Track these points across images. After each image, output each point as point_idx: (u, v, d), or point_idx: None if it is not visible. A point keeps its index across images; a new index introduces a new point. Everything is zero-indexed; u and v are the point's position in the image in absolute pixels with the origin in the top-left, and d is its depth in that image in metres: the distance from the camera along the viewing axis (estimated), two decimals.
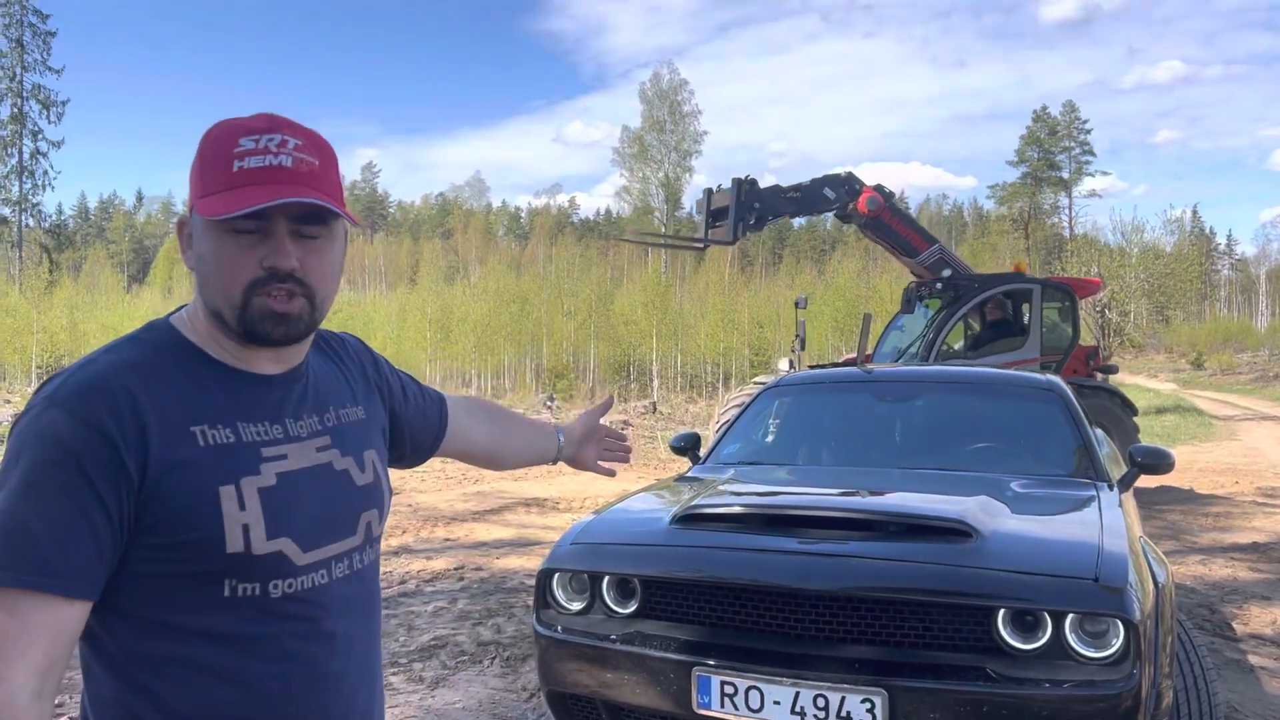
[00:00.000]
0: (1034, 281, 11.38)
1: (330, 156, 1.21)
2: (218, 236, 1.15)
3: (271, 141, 1.15)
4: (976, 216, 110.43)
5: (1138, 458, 4.08)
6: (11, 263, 57.33)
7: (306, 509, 1.20)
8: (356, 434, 1.33)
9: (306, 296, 1.19)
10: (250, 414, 1.20)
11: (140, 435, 1.10)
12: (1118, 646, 2.62)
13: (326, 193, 1.17)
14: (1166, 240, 36.61)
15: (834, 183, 11.54)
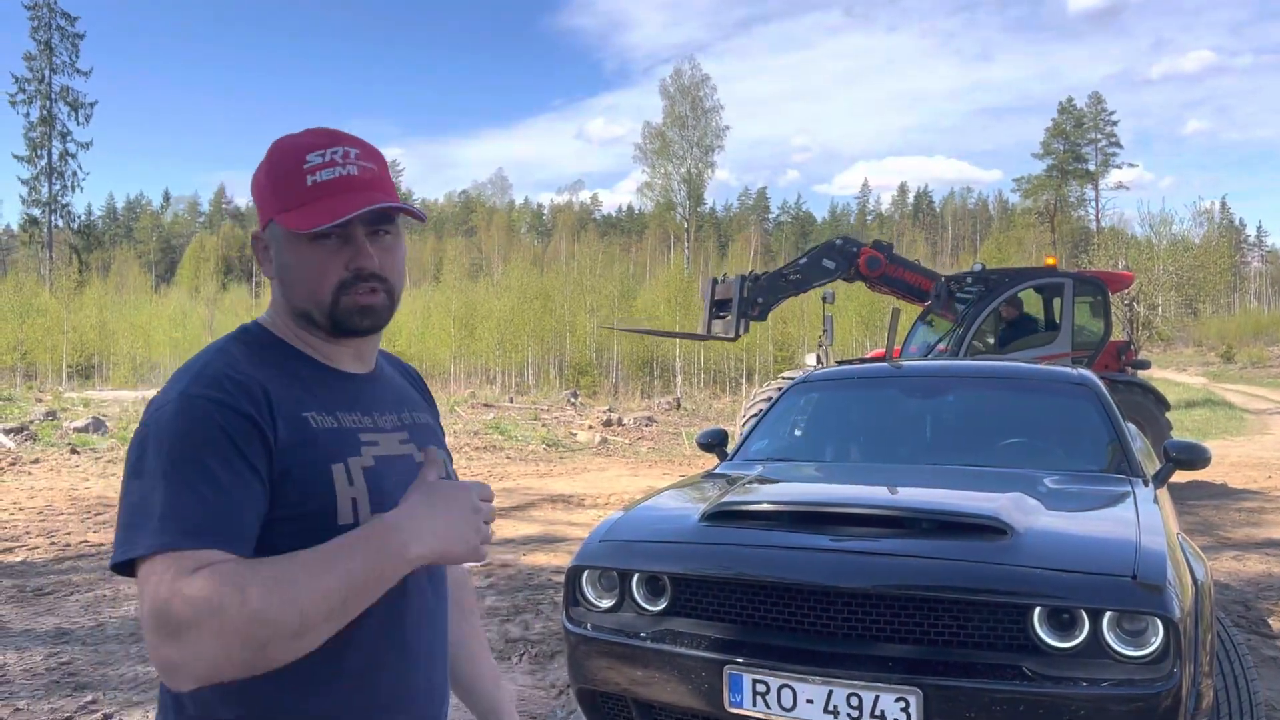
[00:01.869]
0: (1065, 276, 11.29)
1: (383, 161, 1.32)
2: (302, 246, 1.26)
3: (336, 154, 1.26)
4: (1002, 210, 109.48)
5: (1173, 453, 4.03)
6: (42, 263, 58.00)
7: (397, 489, 1.26)
8: (429, 435, 1.43)
9: (386, 291, 1.30)
10: (345, 405, 1.31)
11: (270, 417, 1.20)
12: (1157, 645, 2.58)
13: (389, 194, 1.28)
14: (1195, 232, 36.26)
15: (831, 252, 11.60)
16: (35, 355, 44.01)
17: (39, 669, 4.74)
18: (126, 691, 4.43)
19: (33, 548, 7.65)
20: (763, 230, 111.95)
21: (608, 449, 16.14)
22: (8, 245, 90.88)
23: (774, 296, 11.49)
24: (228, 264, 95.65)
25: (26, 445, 14.27)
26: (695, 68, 63.78)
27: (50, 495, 10.37)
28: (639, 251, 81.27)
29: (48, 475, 11.95)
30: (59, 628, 5.46)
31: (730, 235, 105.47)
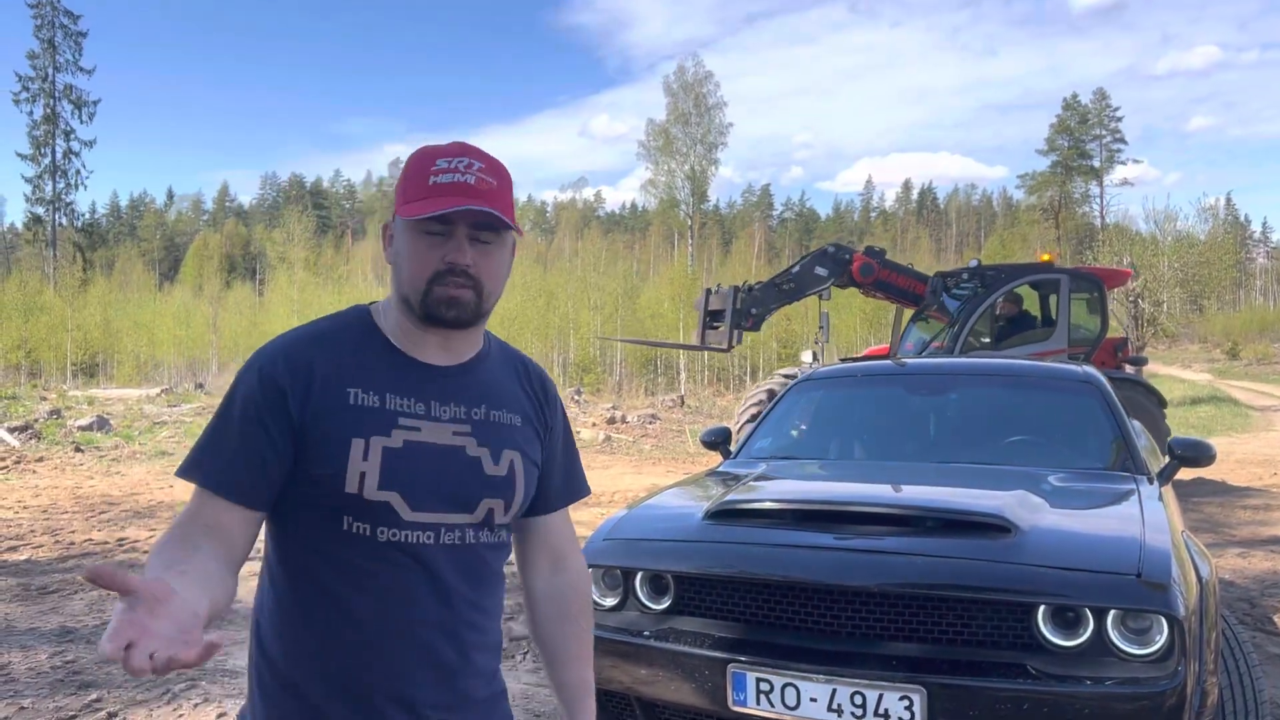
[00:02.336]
0: (1062, 272, 11.24)
1: (507, 180, 1.46)
2: (413, 236, 1.41)
3: (460, 163, 1.41)
4: (1006, 206, 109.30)
5: (1177, 450, 4.02)
6: (46, 261, 58.06)
7: (423, 475, 1.40)
8: (502, 433, 1.49)
9: (475, 290, 1.42)
10: (400, 389, 1.43)
11: (304, 391, 1.38)
12: (1161, 643, 2.57)
13: (500, 208, 1.41)
14: (1200, 229, 36.16)
15: (824, 259, 11.54)
16: (39, 353, 44.07)
17: (43, 667, 4.74)
18: (131, 690, 4.43)
19: (37, 546, 7.67)
20: (766, 227, 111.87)
21: (611, 446, 16.15)
22: (12, 244, 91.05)
23: (767, 306, 11.48)
24: (231, 262, 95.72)
25: (31, 444, 14.29)
26: (698, 64, 63.70)
27: (54, 494, 10.39)
28: (642, 249, 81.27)
29: (52, 474, 11.98)
30: (63, 626, 5.47)
31: (734, 232, 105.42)
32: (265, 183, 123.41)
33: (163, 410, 20.84)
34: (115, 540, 7.91)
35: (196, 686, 4.47)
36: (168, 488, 10.96)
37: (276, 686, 1.43)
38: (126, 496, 10.29)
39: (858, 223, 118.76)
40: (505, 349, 1.61)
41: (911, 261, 16.97)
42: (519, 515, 1.56)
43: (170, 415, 19.69)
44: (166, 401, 23.62)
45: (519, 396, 1.55)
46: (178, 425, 17.86)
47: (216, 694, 4.38)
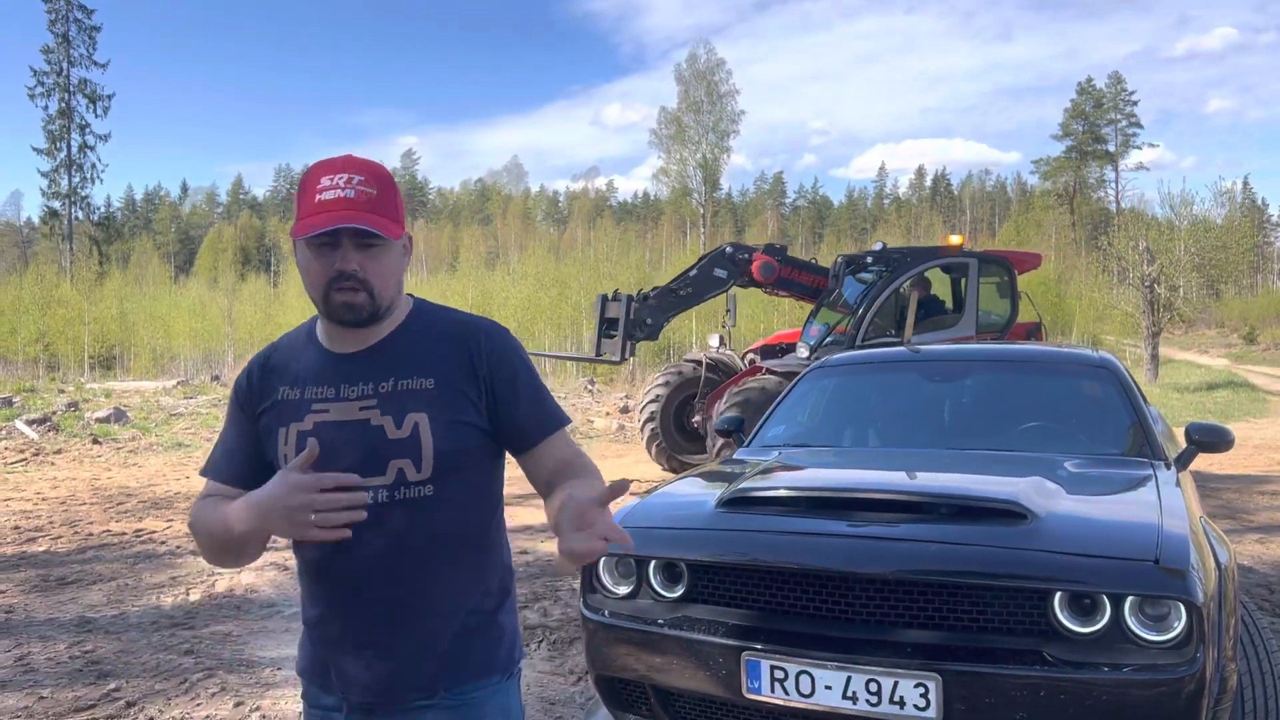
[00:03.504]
0: (970, 255, 10.98)
1: (389, 187, 1.61)
2: (306, 250, 1.59)
3: (341, 179, 1.57)
4: (1021, 192, 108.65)
5: (1195, 435, 3.98)
6: (62, 255, 58.39)
7: (330, 448, 1.58)
8: (409, 399, 1.62)
9: (367, 291, 1.59)
10: (318, 380, 1.66)
11: (256, 389, 1.71)
12: (1180, 630, 2.54)
13: (383, 214, 1.57)
14: (1217, 213, 35.83)
15: (722, 261, 11.24)
16: (57, 346, 44.30)
17: (62, 657, 4.78)
18: (149, 679, 4.46)
19: (56, 538, 7.72)
20: (779, 215, 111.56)
21: (625, 436, 16.15)
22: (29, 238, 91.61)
23: (664, 314, 11.12)
24: (246, 254, 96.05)
25: (49, 436, 14.40)
26: (710, 52, 63.34)
27: (73, 485, 10.46)
28: (655, 238, 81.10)
29: (70, 465, 12.06)
30: (82, 617, 5.51)
31: (746, 220, 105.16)
32: (279, 175, 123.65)
33: (179, 402, 20.96)
34: (133, 531, 7.96)
35: (214, 676, 4.50)
36: (184, 478, 11.02)
37: (303, 614, 1.74)
38: (144, 487, 10.35)
39: (871, 210, 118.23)
40: (438, 318, 1.73)
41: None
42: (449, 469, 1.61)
43: (186, 407, 19.79)
44: (183, 394, 23.75)
45: (438, 361, 1.66)
46: (194, 417, 17.95)
47: (234, 683, 4.40)
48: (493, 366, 1.68)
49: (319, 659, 1.68)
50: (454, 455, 1.63)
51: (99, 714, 4.05)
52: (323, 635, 1.66)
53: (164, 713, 4.07)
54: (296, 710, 4.09)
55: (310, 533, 1.49)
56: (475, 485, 1.68)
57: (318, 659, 1.68)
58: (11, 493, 9.92)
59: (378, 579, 1.60)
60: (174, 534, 7.87)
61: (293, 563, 6.80)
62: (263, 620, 5.45)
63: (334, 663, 1.65)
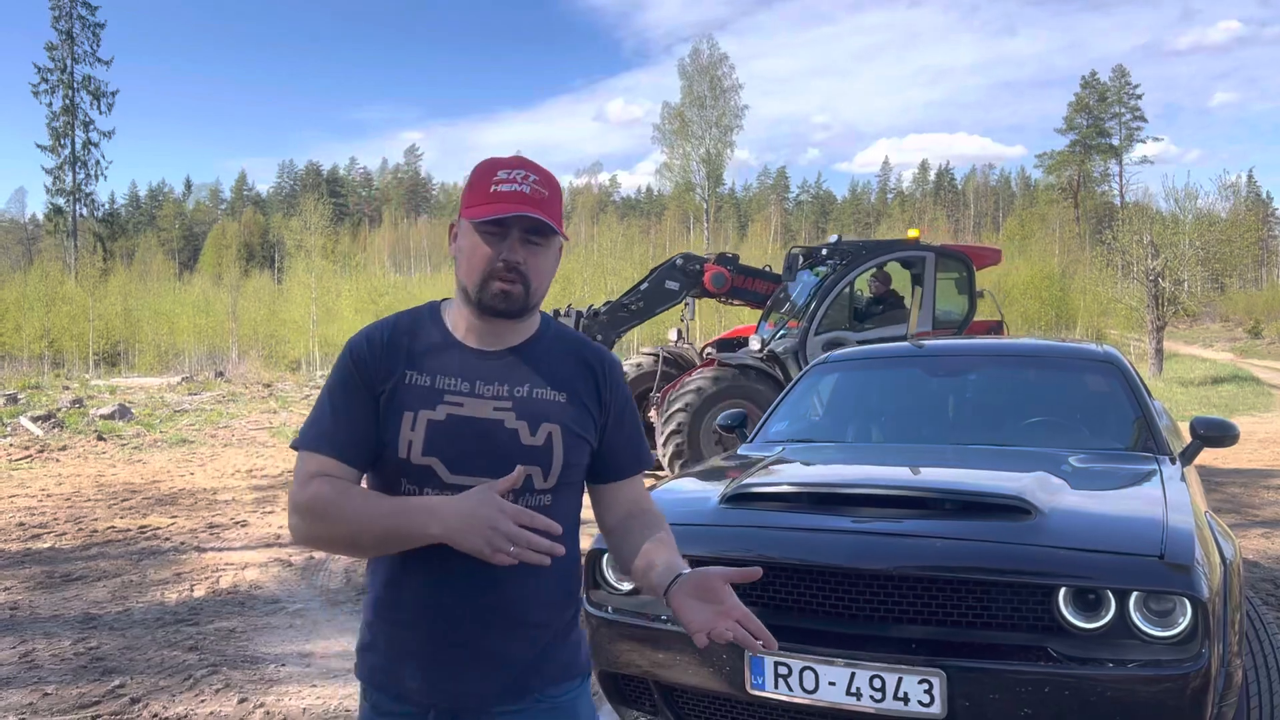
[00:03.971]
0: (927, 249, 10.75)
1: (557, 191, 1.67)
2: (474, 235, 1.63)
3: (518, 174, 1.62)
4: (1025, 186, 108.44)
5: (1200, 430, 3.97)
6: (67, 252, 58.48)
7: (462, 443, 1.60)
8: (542, 408, 1.66)
9: (524, 285, 1.63)
10: (449, 371, 1.66)
11: (381, 368, 1.64)
12: (1185, 625, 2.54)
13: (549, 215, 1.61)
14: (1221, 206, 35.71)
15: (673, 272, 11.08)
16: (62, 343, 44.42)
17: (67, 654, 4.79)
18: (154, 676, 4.47)
19: (60, 534, 7.74)
20: (783, 210, 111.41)
21: None
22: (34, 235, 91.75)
23: (615, 329, 10.96)
24: (250, 250, 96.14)
25: (54, 432, 14.42)
26: (713, 47, 63.25)
27: (78, 482, 10.48)
28: (658, 233, 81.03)
29: (75, 462, 12.08)
30: (87, 613, 5.52)
31: (750, 215, 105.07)
32: (282, 171, 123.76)
33: (183, 398, 21.00)
34: (138, 528, 7.97)
35: (218, 672, 4.50)
36: (188, 475, 11.04)
37: (375, 620, 1.68)
38: (148, 484, 10.37)
39: (875, 204, 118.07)
40: (565, 335, 1.78)
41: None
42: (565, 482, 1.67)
43: (191, 403, 19.82)
44: (187, 390, 23.78)
45: (569, 377, 1.71)
46: (198, 413, 17.98)
47: (238, 679, 4.41)
48: (614, 395, 1.76)
49: (394, 666, 1.65)
50: (574, 469, 1.69)
51: (103, 710, 4.06)
52: (412, 643, 1.63)
53: (168, 709, 4.07)
54: (300, 706, 4.09)
55: (500, 559, 1.47)
56: (575, 499, 1.73)
57: (393, 666, 1.65)
58: (16, 489, 9.94)
59: (479, 584, 1.60)
60: (179, 530, 7.88)
61: (296, 559, 6.82)
62: (267, 617, 5.46)
63: (419, 670, 1.63)
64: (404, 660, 1.64)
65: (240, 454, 13.01)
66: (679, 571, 1.63)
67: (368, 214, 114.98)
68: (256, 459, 12.41)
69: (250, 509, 8.87)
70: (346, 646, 4.92)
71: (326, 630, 5.20)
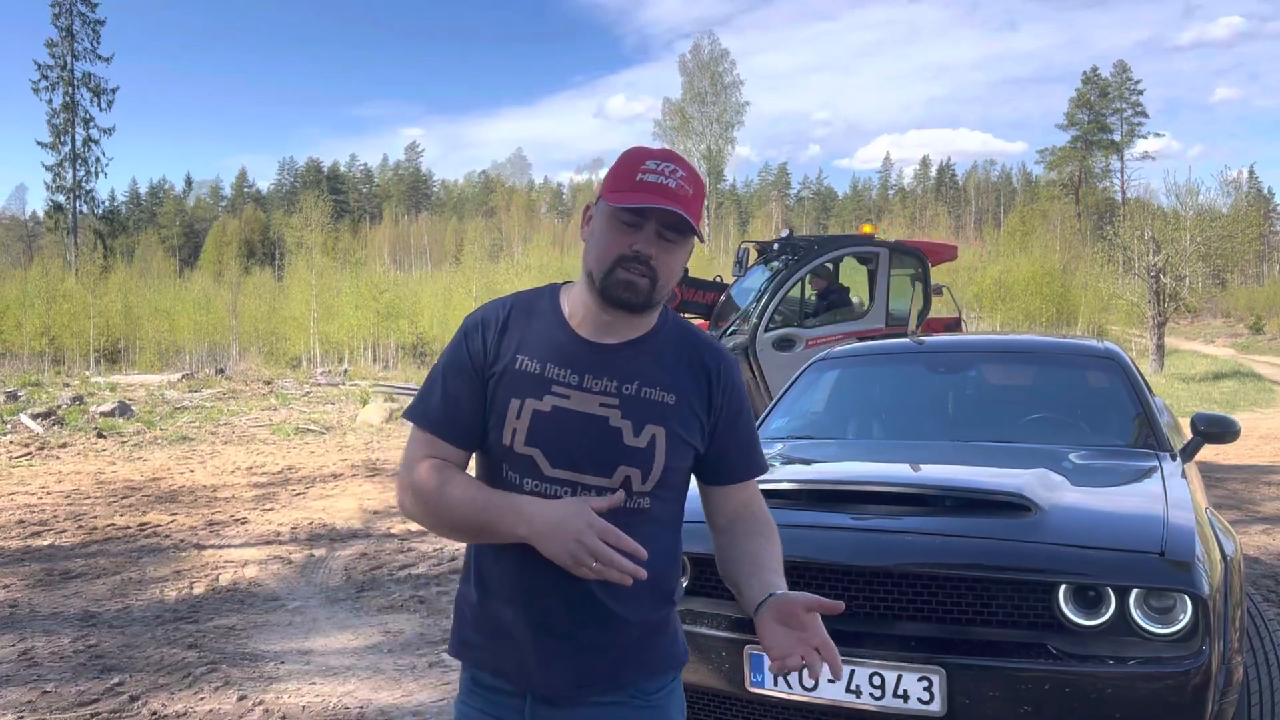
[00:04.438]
0: (881, 245, 10.51)
1: (701, 191, 1.64)
2: (610, 221, 1.60)
3: (666, 167, 1.59)
4: (1026, 182, 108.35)
5: (1201, 426, 3.96)
6: (67, 249, 58.48)
7: (565, 437, 1.59)
8: (650, 409, 1.63)
9: (651, 280, 1.59)
10: (560, 361, 1.63)
11: (492, 352, 1.64)
12: (1185, 622, 2.53)
13: (690, 213, 1.58)
14: (1223, 202, 35.65)
15: None
16: (62, 340, 44.42)
17: (66, 652, 4.79)
18: (153, 674, 4.46)
19: (60, 532, 7.73)
20: (784, 206, 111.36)
21: None
22: (34, 232, 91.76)
23: None
24: (250, 247, 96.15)
25: (54, 430, 14.43)
26: (714, 43, 63.33)
27: (77, 479, 10.48)
28: None
29: (75, 459, 12.08)
30: (86, 611, 5.52)
31: (751, 212, 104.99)
32: (283, 168, 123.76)
33: (184, 396, 21.00)
34: (138, 525, 7.97)
35: (217, 670, 4.50)
36: (188, 472, 11.03)
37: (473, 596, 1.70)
38: (148, 481, 10.37)
39: (876, 200, 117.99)
40: (685, 332, 1.73)
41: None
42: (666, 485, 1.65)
43: (191, 400, 19.83)
44: (188, 387, 23.80)
45: (680, 377, 1.67)
46: (199, 410, 17.99)
47: (237, 677, 4.40)
48: (727, 398, 1.71)
49: (491, 644, 1.66)
50: (675, 473, 1.66)
51: (102, 708, 4.05)
52: (508, 624, 1.64)
53: (167, 707, 4.07)
54: (299, 704, 4.09)
55: (582, 572, 1.48)
56: (677, 502, 1.71)
57: (490, 644, 1.67)
58: (16, 487, 9.93)
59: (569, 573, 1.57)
60: (178, 528, 7.88)
61: (296, 556, 6.81)
62: (266, 614, 5.45)
63: (514, 651, 1.64)
64: (500, 640, 1.65)
65: (240, 451, 13.01)
66: (771, 592, 1.60)
67: (368, 211, 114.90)
68: (257, 456, 12.41)
69: (250, 506, 8.87)
70: (346, 643, 4.92)
71: (326, 627, 5.20)
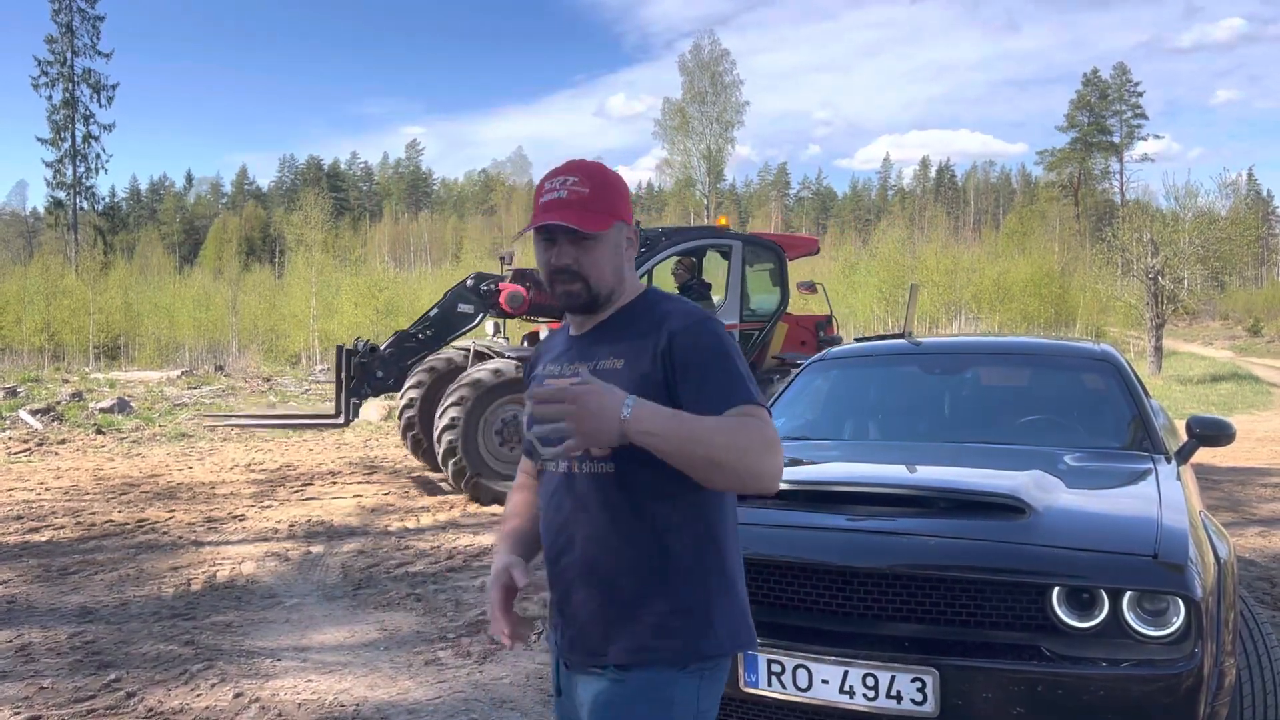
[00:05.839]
0: (734, 237, 10.16)
1: (603, 183, 1.77)
2: (536, 245, 1.80)
3: (558, 181, 1.75)
4: (1025, 184, 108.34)
5: (1196, 429, 3.97)
6: (67, 245, 58.46)
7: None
8: (605, 378, 1.67)
9: (583, 281, 1.76)
10: (557, 358, 1.90)
11: (532, 364, 2.00)
12: (1178, 625, 2.54)
13: (593, 210, 1.73)
14: (1221, 204, 35.66)
15: (465, 296, 10.33)
16: (62, 337, 44.36)
17: (63, 647, 4.79)
18: (150, 670, 4.47)
19: (59, 527, 7.74)
20: (784, 206, 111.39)
21: None
22: (34, 228, 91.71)
23: (400, 363, 10.00)
24: (250, 244, 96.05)
25: (53, 426, 14.42)
26: (714, 43, 63.20)
27: (76, 475, 10.48)
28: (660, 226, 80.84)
29: (74, 455, 12.08)
30: (83, 606, 5.52)
31: (751, 212, 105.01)
32: (283, 165, 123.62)
33: (183, 393, 21.00)
34: (136, 521, 7.97)
35: (214, 666, 4.50)
36: (187, 469, 11.04)
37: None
38: (147, 478, 10.37)
39: (875, 201, 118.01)
40: (654, 302, 1.83)
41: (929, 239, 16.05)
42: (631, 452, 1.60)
43: (190, 397, 19.83)
44: (187, 384, 23.79)
45: (632, 343, 1.76)
46: (198, 407, 17.98)
47: (233, 674, 4.41)
48: (677, 345, 1.71)
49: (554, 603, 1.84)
50: None
51: (99, 704, 4.06)
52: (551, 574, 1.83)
53: (163, 703, 4.08)
54: (295, 701, 4.10)
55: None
56: (660, 468, 1.62)
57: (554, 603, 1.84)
58: (15, 482, 9.94)
59: (565, 542, 1.77)
60: (176, 524, 7.89)
61: (293, 553, 6.83)
62: (263, 611, 5.46)
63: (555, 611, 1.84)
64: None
65: (239, 448, 13.01)
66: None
67: (368, 209, 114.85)
68: (255, 453, 12.41)
69: (248, 503, 8.88)
70: (343, 640, 4.93)
71: (323, 624, 5.21)
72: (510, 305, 10.23)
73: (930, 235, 53.26)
